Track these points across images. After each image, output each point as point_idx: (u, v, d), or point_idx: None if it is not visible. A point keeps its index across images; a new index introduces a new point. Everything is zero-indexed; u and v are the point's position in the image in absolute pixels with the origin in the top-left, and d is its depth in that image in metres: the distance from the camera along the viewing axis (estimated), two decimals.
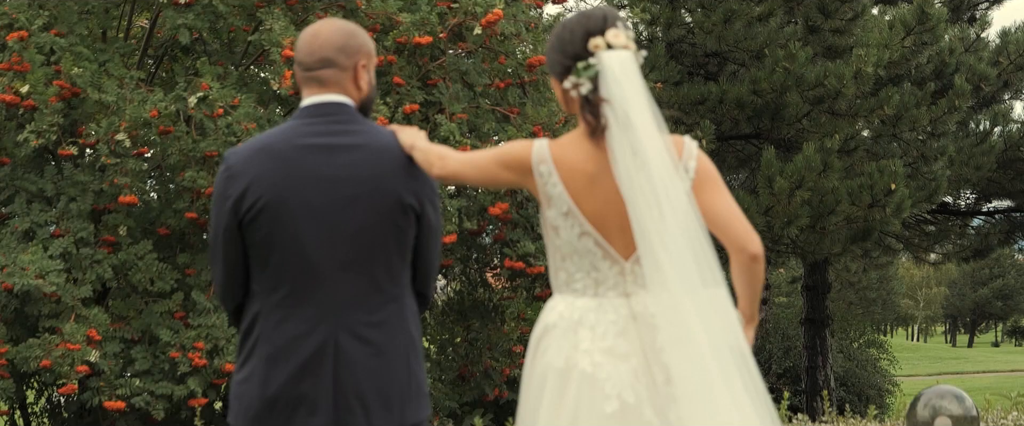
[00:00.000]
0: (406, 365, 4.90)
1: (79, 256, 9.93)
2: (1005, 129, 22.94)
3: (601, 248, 4.64)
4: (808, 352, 26.10)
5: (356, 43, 5.06)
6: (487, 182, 4.74)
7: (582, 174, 4.64)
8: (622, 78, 4.57)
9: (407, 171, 4.88)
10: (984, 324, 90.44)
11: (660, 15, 20.51)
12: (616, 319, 4.62)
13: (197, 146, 9.87)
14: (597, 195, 4.63)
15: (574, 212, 4.63)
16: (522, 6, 11.08)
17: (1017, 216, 25.34)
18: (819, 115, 20.12)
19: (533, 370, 4.65)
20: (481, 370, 12.05)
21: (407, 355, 4.90)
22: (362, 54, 5.03)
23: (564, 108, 4.82)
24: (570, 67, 4.65)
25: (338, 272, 4.82)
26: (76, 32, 10.57)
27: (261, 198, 4.78)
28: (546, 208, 4.64)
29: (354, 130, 4.92)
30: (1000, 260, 70.89)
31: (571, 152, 4.65)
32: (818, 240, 20.41)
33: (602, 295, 4.66)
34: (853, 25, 20.89)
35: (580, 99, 4.62)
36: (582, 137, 4.67)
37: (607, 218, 4.63)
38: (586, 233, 4.63)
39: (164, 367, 9.98)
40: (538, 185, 4.64)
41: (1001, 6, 24.29)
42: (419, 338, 4.96)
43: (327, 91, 5.03)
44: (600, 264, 4.66)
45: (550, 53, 4.75)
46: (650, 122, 4.55)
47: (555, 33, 4.71)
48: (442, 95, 10.63)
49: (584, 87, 4.60)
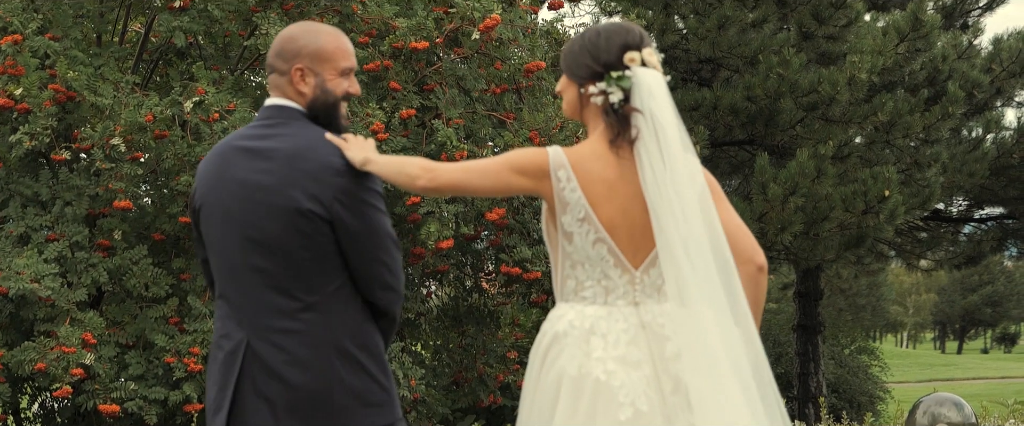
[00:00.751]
0: (331, 375, 4.83)
1: (74, 260, 9.91)
2: (998, 136, 22.97)
3: (614, 256, 4.68)
4: (800, 359, 26.10)
5: (293, 48, 5.02)
6: (497, 189, 4.73)
7: (601, 181, 4.69)
8: (657, 94, 4.68)
9: (312, 176, 4.82)
10: (973, 331, 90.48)
11: (654, 21, 20.51)
12: (627, 327, 4.66)
13: (192, 151, 9.85)
14: (614, 202, 4.68)
15: (591, 218, 4.66)
16: (519, 11, 11.07)
17: (1009, 223, 25.36)
18: (813, 121, 20.13)
19: (544, 378, 4.68)
20: (475, 376, 12.03)
21: (332, 366, 4.83)
22: (300, 58, 5.00)
23: (569, 110, 4.87)
24: (599, 73, 4.72)
25: (253, 276, 4.84)
26: (71, 36, 10.54)
27: (198, 198, 4.91)
28: (561, 214, 4.67)
29: (279, 134, 4.92)
30: (990, 267, 70.94)
31: (590, 159, 4.69)
32: (812, 246, 20.41)
33: (612, 303, 4.70)
34: (847, 31, 20.91)
35: (605, 106, 4.69)
36: (599, 145, 4.72)
37: (620, 227, 4.68)
38: (601, 240, 4.67)
39: (159, 372, 9.96)
40: (554, 190, 4.66)
41: (994, 13, 24.32)
42: (362, 346, 4.86)
43: (273, 94, 5.05)
44: (611, 272, 4.70)
45: (577, 56, 4.79)
46: (679, 138, 4.66)
47: (586, 38, 4.78)
48: (439, 100, 10.62)
49: (614, 95, 4.68)
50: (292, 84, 5.00)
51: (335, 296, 4.87)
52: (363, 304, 4.89)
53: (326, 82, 5.00)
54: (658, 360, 4.63)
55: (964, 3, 24.39)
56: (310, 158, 4.84)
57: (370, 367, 4.86)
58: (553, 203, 4.69)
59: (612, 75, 4.70)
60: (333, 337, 4.84)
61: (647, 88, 4.68)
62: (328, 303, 4.87)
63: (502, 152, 10.72)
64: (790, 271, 37.30)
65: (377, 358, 4.89)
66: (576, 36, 4.87)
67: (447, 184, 4.72)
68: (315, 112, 5.00)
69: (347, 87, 5.03)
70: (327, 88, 5.00)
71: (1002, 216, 25.40)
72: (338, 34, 5.05)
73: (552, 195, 4.68)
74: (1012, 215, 24.98)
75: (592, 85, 4.73)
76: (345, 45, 5.05)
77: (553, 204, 4.69)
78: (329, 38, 5.02)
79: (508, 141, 10.47)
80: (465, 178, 4.69)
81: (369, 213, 4.83)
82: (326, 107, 5.01)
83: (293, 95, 5.01)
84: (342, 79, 5.02)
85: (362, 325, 4.88)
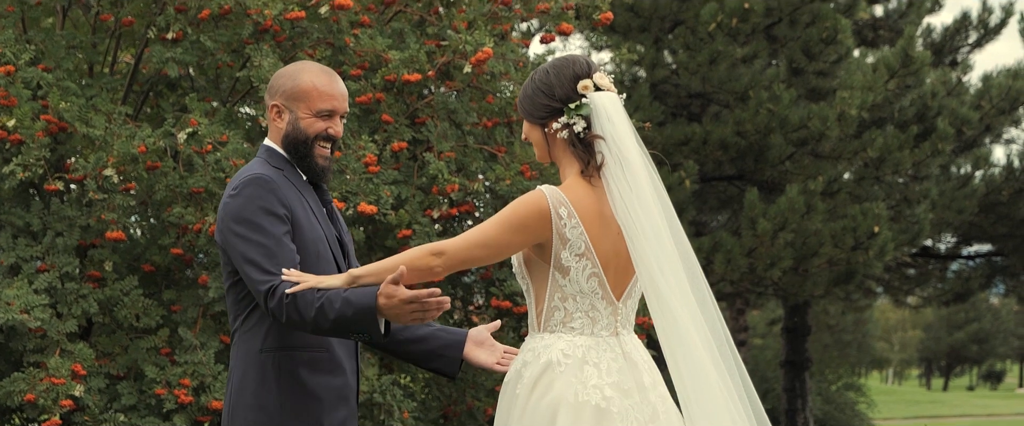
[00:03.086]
0: (227, 417, 5.06)
1: (65, 291, 9.86)
2: (986, 173, 23.03)
3: (603, 289, 4.82)
4: (787, 394, 26.12)
5: (277, 84, 5.15)
6: (503, 254, 4.82)
7: (597, 215, 4.81)
8: (614, 116, 4.82)
9: (219, 210, 5.04)
10: (959, 368, 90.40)
11: (644, 56, 20.56)
12: (614, 357, 4.81)
13: (184, 182, 9.83)
14: (608, 236, 4.81)
15: (591, 253, 4.77)
16: (510, 45, 11.07)
17: (997, 260, 25.40)
18: (802, 157, 20.17)
19: (535, 405, 4.75)
20: (464, 409, 11.99)
21: (228, 405, 5.06)
22: (278, 95, 5.11)
23: (542, 154, 4.99)
24: (558, 110, 4.83)
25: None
26: (63, 67, 10.53)
27: None
28: (559, 249, 4.76)
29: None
30: (976, 304, 70.92)
31: (582, 195, 4.80)
32: (800, 282, 20.44)
33: (597, 334, 4.82)
34: (837, 67, 20.99)
35: (571, 138, 4.81)
36: (578, 181, 4.83)
37: (611, 260, 4.82)
38: (595, 274, 4.80)
39: (150, 403, 9.92)
40: (555, 228, 4.75)
41: (983, 50, 24.40)
42: (260, 384, 4.98)
43: None
44: (598, 304, 4.82)
45: (533, 100, 4.90)
46: (640, 158, 4.82)
47: (537, 81, 4.89)
48: (430, 133, 10.60)
49: (578, 125, 4.80)
50: (271, 120, 5.08)
51: (249, 333, 5.05)
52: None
53: (298, 120, 5.06)
54: (639, 389, 4.80)
55: (954, 40, 24.49)
56: (225, 192, 5.06)
57: (246, 407, 5.01)
58: (551, 240, 4.77)
59: (570, 106, 4.81)
60: (234, 376, 5.05)
61: (605, 113, 4.81)
62: (242, 338, 5.07)
63: (493, 186, 10.75)
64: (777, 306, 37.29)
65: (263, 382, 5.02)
66: (527, 82, 4.96)
67: (457, 263, 4.79)
68: (288, 149, 5.09)
69: (325, 128, 5.08)
70: (299, 126, 5.07)
71: (990, 253, 25.45)
72: (325, 74, 5.11)
73: (552, 234, 4.76)
74: (1000, 252, 25.03)
75: (554, 122, 4.84)
76: (327, 87, 5.09)
77: (550, 241, 4.77)
78: (310, 77, 5.09)
79: (499, 174, 10.46)
80: (470, 254, 4.79)
81: (230, 235, 4.97)
82: (296, 145, 5.09)
83: (273, 131, 5.10)
84: (317, 119, 5.07)
85: (257, 363, 4.99)
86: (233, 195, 4.95)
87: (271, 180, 4.97)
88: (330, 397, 5.01)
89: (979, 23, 24.62)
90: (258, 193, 4.92)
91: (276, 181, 4.98)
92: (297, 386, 4.95)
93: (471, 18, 10.56)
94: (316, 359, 4.99)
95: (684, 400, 4.70)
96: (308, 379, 4.96)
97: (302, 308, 4.76)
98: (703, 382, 4.70)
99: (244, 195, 4.91)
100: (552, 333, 4.83)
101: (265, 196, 4.92)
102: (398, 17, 11.15)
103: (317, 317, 4.76)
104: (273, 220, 4.88)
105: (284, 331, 4.95)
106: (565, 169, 4.92)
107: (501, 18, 10.88)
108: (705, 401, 4.68)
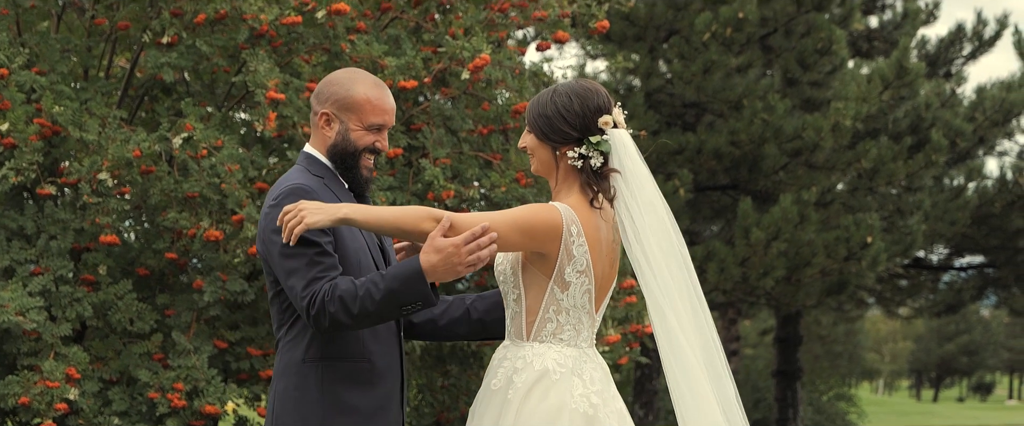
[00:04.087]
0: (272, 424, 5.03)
1: (59, 294, 9.85)
2: (979, 185, 23.06)
3: (591, 305, 5.01)
4: (779, 404, 26.12)
5: (327, 92, 5.09)
6: (502, 247, 4.86)
7: (597, 236, 4.98)
8: (631, 152, 5.00)
9: (259, 222, 4.99)
10: (949, 379, 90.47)
11: (639, 65, 20.56)
12: (594, 367, 5.02)
13: (179, 187, 9.81)
14: (602, 259, 4.99)
15: (590, 271, 4.95)
16: (507, 52, 11.07)
17: (989, 272, 25.42)
18: (796, 167, 20.19)
19: (534, 411, 4.88)
20: (458, 415, 12.00)
21: (270, 415, 5.03)
22: (329, 103, 5.05)
23: (543, 169, 5.07)
24: (576, 139, 4.94)
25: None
26: (58, 70, 10.50)
27: None
28: (565, 265, 4.90)
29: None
30: (966, 316, 71.06)
31: (586, 217, 4.95)
32: (793, 292, 20.46)
33: (580, 346, 5.01)
34: (831, 78, 21.02)
35: (586, 170, 4.95)
36: (583, 203, 4.96)
37: (601, 278, 5.02)
38: (588, 291, 4.98)
39: (142, 408, 9.90)
40: (564, 244, 4.89)
41: (977, 62, 24.45)
42: (302, 394, 4.96)
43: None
44: (584, 318, 5.01)
45: (553, 121, 4.97)
46: (657, 194, 5.02)
47: (560, 106, 4.95)
48: (426, 140, 10.60)
49: (595, 160, 4.94)
50: (318, 127, 5.02)
51: (292, 343, 5.01)
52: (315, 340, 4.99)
53: (349, 131, 5.03)
54: (612, 397, 5.04)
55: (948, 52, 24.54)
56: (264, 204, 5.01)
57: (293, 415, 4.99)
58: (556, 254, 4.90)
59: (592, 140, 4.93)
60: (276, 385, 5.03)
61: (623, 148, 4.98)
62: (285, 348, 5.04)
63: (488, 193, 10.74)
64: (769, 316, 37.33)
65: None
66: (545, 98, 5.02)
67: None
68: (334, 159, 5.04)
69: (374, 142, 5.05)
70: (349, 137, 5.03)
71: (982, 265, 25.47)
72: (378, 87, 5.07)
73: (559, 248, 4.89)
74: (992, 264, 25.06)
75: (570, 149, 4.95)
76: (380, 101, 5.06)
77: (556, 255, 4.90)
78: (364, 89, 5.04)
79: (495, 181, 10.46)
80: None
81: (271, 250, 4.92)
82: (344, 156, 5.05)
83: (319, 138, 5.04)
84: (367, 133, 5.04)
85: (302, 372, 4.97)
86: (273, 205, 4.90)
87: (312, 190, 4.91)
88: (370, 408, 4.99)
89: (973, 35, 24.67)
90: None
91: (317, 191, 4.92)
92: (337, 398, 4.92)
93: (468, 25, 10.55)
94: (357, 370, 4.95)
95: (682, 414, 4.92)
96: (349, 391, 4.94)
97: (348, 302, 4.72)
98: (703, 399, 4.90)
99: (284, 206, 4.85)
100: (542, 343, 4.97)
101: None
102: (394, 23, 11.14)
103: (363, 304, 4.71)
104: (314, 231, 4.82)
105: (327, 341, 4.92)
106: (564, 189, 5.01)
107: (497, 25, 10.87)
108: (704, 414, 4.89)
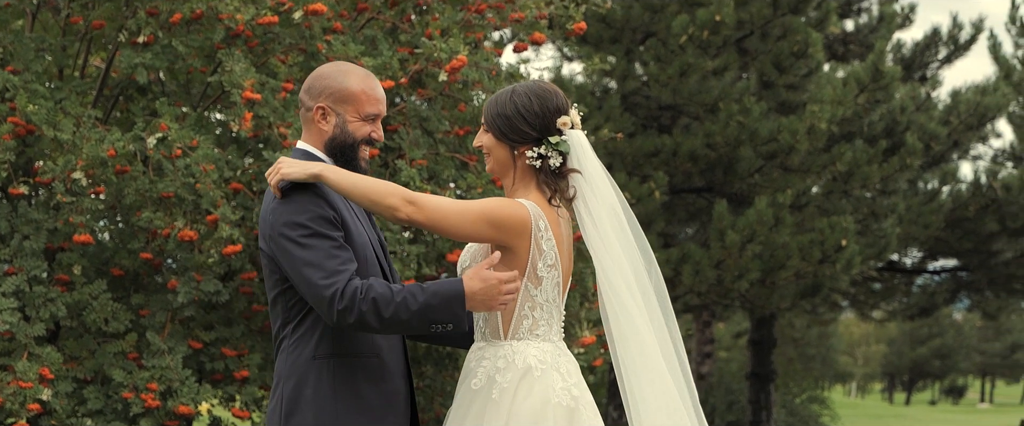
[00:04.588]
0: (278, 424, 4.98)
1: (32, 294, 9.80)
2: (953, 188, 23.13)
3: (561, 298, 5.11)
4: (752, 406, 26.17)
5: (320, 85, 5.07)
6: (469, 237, 4.96)
7: (560, 231, 5.07)
8: (588, 153, 5.10)
9: (263, 217, 4.95)
10: (922, 383, 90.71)
11: (616, 67, 20.57)
12: (569, 360, 5.12)
13: (154, 187, 9.77)
14: (566, 250, 5.10)
15: (558, 264, 5.04)
16: (484, 53, 11.06)
17: (962, 275, 25.51)
18: (772, 170, 20.22)
19: (520, 408, 4.94)
20: (433, 416, 11.98)
21: (279, 413, 4.98)
22: (324, 97, 5.04)
23: (499, 168, 5.15)
24: (535, 139, 5.04)
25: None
26: (32, 69, 10.46)
27: None
28: (536, 260, 4.99)
29: None
30: (939, 319, 71.27)
31: (549, 212, 5.05)
32: (768, 294, 20.49)
33: (554, 340, 5.10)
34: (807, 81, 21.05)
35: (545, 169, 5.05)
36: (542, 200, 5.06)
37: (565, 271, 5.11)
38: (558, 284, 5.07)
39: (117, 407, 9.86)
40: (534, 239, 4.98)
41: (952, 66, 24.52)
42: (315, 391, 4.92)
43: (303, 130, 5.17)
44: (554, 311, 5.11)
45: (511, 122, 5.05)
46: (613, 191, 5.13)
47: (520, 106, 5.04)
48: (402, 140, 10.58)
49: (554, 160, 5.04)
50: (314, 122, 5.00)
51: (294, 337, 4.98)
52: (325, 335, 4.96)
53: (347, 123, 5.02)
54: (585, 385, 5.14)
55: (924, 55, 24.61)
56: (265, 199, 4.97)
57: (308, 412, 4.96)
58: (527, 250, 4.97)
59: (551, 140, 5.03)
60: (282, 384, 4.98)
61: (580, 148, 5.08)
62: (289, 345, 5.00)
63: (465, 195, 10.73)
64: (743, 319, 37.38)
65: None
66: (504, 98, 5.09)
67: (425, 221, 4.87)
68: (333, 152, 5.04)
69: (370, 132, 5.06)
70: (347, 129, 5.03)
71: (956, 268, 25.56)
72: (369, 78, 5.08)
73: (530, 243, 4.97)
74: (965, 267, 25.15)
75: (529, 149, 5.05)
76: (373, 90, 5.07)
77: (526, 250, 4.97)
78: (357, 80, 5.05)
79: (471, 182, 10.45)
80: (443, 220, 4.88)
81: (285, 243, 4.86)
82: (343, 148, 5.04)
83: (315, 132, 5.02)
84: (364, 123, 5.05)
85: (310, 369, 4.94)
86: (283, 200, 4.86)
87: (319, 185, 4.89)
88: (380, 404, 4.95)
89: (949, 39, 24.75)
90: (310, 198, 4.84)
91: (322, 186, 4.90)
92: (351, 394, 4.89)
93: (444, 26, 10.54)
94: (368, 366, 4.93)
95: (636, 403, 5.01)
96: (362, 386, 4.91)
97: (382, 306, 4.70)
98: (661, 386, 5.00)
99: (295, 200, 4.83)
100: (520, 340, 5.02)
101: (317, 201, 4.85)
102: (371, 24, 11.12)
103: (397, 311, 4.70)
104: (328, 225, 4.81)
105: (337, 337, 4.90)
106: (520, 188, 5.08)
107: (474, 26, 10.86)
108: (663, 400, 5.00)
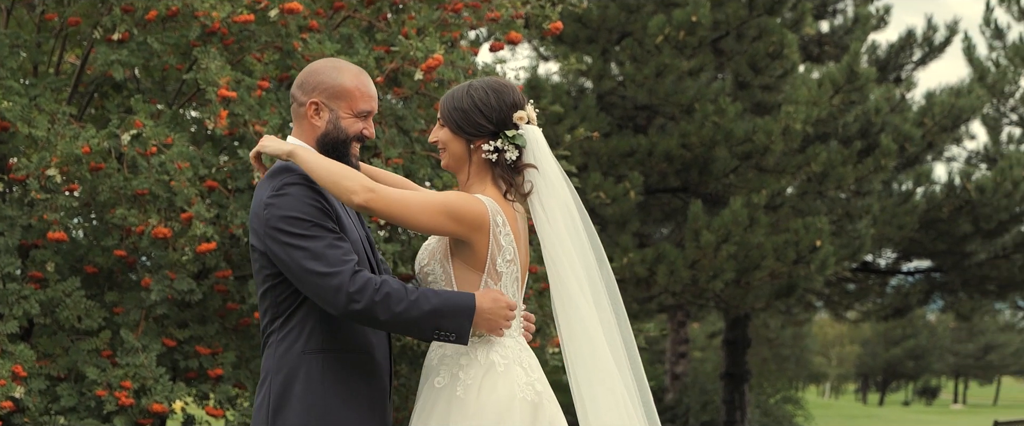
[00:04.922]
0: (266, 419, 4.96)
1: (6, 291, 9.78)
2: (928, 190, 23.20)
3: (520, 293, 5.13)
4: (726, 406, 26.21)
5: (313, 81, 5.08)
6: (427, 229, 4.96)
7: (516, 226, 5.09)
8: (543, 148, 5.12)
9: (253, 212, 4.95)
10: (895, 383, 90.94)
11: (592, 67, 20.58)
12: (530, 354, 5.14)
13: (128, 184, 9.75)
14: (523, 246, 5.13)
15: (516, 259, 5.06)
16: (460, 52, 11.06)
17: (936, 276, 25.58)
18: (747, 170, 20.25)
19: (484, 405, 4.95)
20: (407, 415, 11.97)
21: (267, 408, 4.96)
22: (317, 93, 5.06)
23: (455, 163, 5.18)
24: (492, 133, 5.06)
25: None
26: (7, 66, 10.43)
27: None
28: (496, 255, 5.01)
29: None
30: (913, 320, 71.42)
31: (506, 208, 5.07)
32: (742, 295, 20.52)
33: (515, 335, 5.12)
34: (782, 82, 21.09)
35: (501, 163, 5.07)
36: (497, 195, 5.07)
37: (523, 266, 5.13)
38: (517, 279, 5.10)
39: (90, 405, 9.84)
40: (492, 235, 5.00)
41: (927, 67, 24.60)
42: (306, 386, 4.92)
43: (293, 126, 5.16)
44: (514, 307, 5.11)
45: (468, 115, 5.08)
46: (566, 186, 5.16)
47: (477, 99, 5.08)
48: (378, 140, 10.58)
49: (510, 154, 5.07)
50: (306, 117, 5.01)
51: (281, 333, 4.98)
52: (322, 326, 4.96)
53: (340, 119, 5.03)
54: (546, 383, 5.16)
55: (898, 57, 24.69)
56: (256, 195, 4.96)
57: (296, 407, 4.94)
58: (485, 245, 4.99)
59: (508, 134, 5.05)
60: (271, 379, 4.96)
61: (536, 144, 5.10)
62: (276, 341, 4.99)
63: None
64: (718, 319, 37.43)
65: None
66: (461, 93, 5.14)
67: (383, 209, 4.88)
68: (325, 148, 5.04)
69: (362, 129, 5.08)
70: (340, 125, 5.04)
71: (929, 269, 25.63)
72: (362, 74, 5.10)
73: (488, 238, 4.99)
74: (939, 268, 25.23)
75: (485, 143, 5.06)
76: (366, 87, 5.09)
77: (485, 246, 4.99)
78: (350, 77, 5.07)
79: (447, 181, 10.46)
80: (403, 211, 4.89)
81: (282, 238, 4.85)
82: (336, 144, 5.05)
83: (307, 128, 5.02)
84: (356, 120, 5.06)
85: (298, 363, 4.93)
86: (278, 195, 4.85)
87: (313, 180, 4.90)
88: (370, 400, 4.95)
89: (924, 41, 24.84)
90: (306, 192, 4.84)
91: (315, 182, 4.91)
92: (342, 388, 4.89)
93: (421, 25, 10.54)
94: (359, 361, 4.93)
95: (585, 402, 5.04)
96: (353, 382, 4.91)
97: (394, 300, 4.73)
98: (610, 384, 5.02)
99: (292, 194, 4.82)
100: (482, 337, 5.01)
101: (314, 195, 4.85)
102: (347, 22, 11.11)
103: (408, 309, 4.74)
104: (326, 218, 4.83)
105: (328, 332, 4.90)
106: (475, 183, 5.10)
107: (450, 25, 10.86)
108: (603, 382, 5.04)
